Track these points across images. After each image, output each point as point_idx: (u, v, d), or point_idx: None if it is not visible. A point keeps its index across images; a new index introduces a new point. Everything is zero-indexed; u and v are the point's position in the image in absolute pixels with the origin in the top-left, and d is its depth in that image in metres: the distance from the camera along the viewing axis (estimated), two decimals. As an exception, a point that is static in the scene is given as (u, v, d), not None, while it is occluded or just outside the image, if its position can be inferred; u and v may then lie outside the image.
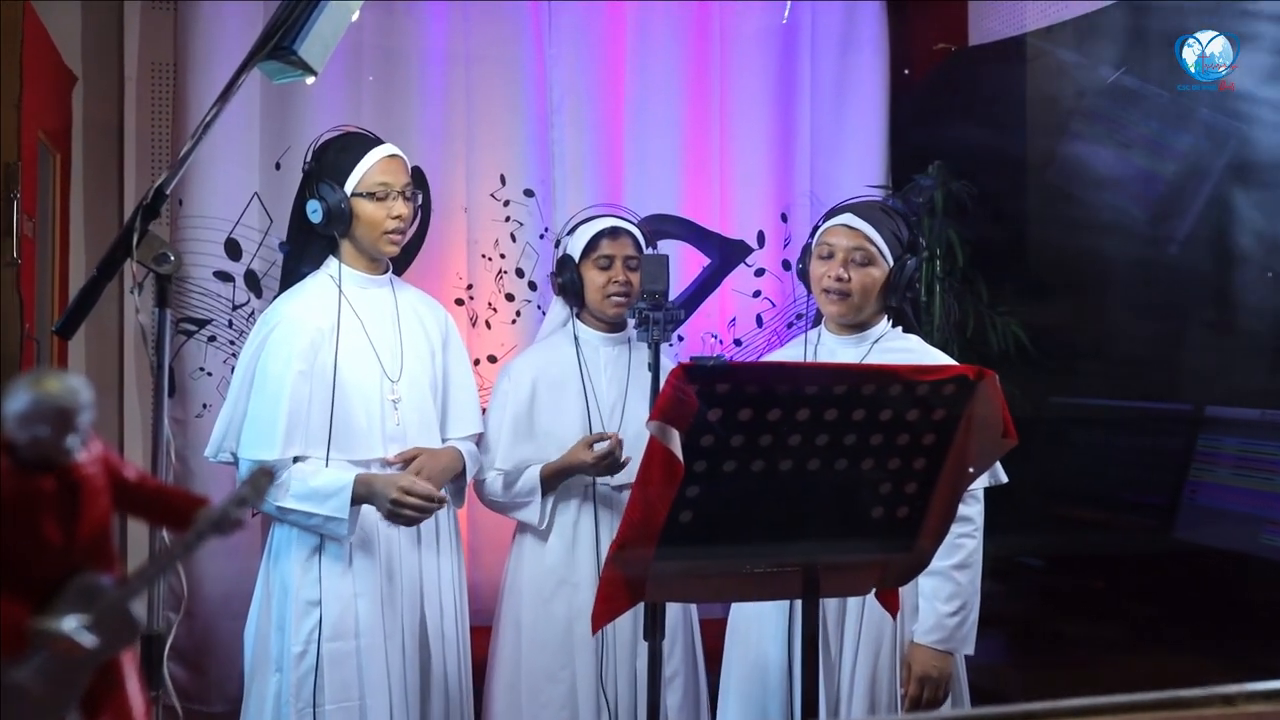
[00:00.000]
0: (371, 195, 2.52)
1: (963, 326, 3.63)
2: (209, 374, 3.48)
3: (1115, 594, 2.93)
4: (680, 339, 3.82)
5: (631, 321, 2.94)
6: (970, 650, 2.47)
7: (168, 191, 1.62)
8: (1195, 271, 2.81)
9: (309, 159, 2.56)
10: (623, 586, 1.93)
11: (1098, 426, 2.67)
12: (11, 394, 1.32)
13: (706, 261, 3.89)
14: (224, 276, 3.51)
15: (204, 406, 3.45)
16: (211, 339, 3.49)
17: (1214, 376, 2.73)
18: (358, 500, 2.47)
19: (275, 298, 2.64)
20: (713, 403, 1.80)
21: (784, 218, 3.95)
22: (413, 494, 2.44)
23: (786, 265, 3.95)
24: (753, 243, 3.91)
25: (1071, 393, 3.16)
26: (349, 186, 2.51)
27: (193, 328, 3.49)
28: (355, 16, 1.78)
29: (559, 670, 2.74)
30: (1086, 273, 3.18)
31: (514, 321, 3.75)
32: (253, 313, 3.50)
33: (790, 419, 1.86)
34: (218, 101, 1.65)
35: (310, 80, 1.72)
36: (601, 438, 2.72)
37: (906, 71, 3.78)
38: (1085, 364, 3.14)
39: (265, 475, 1.35)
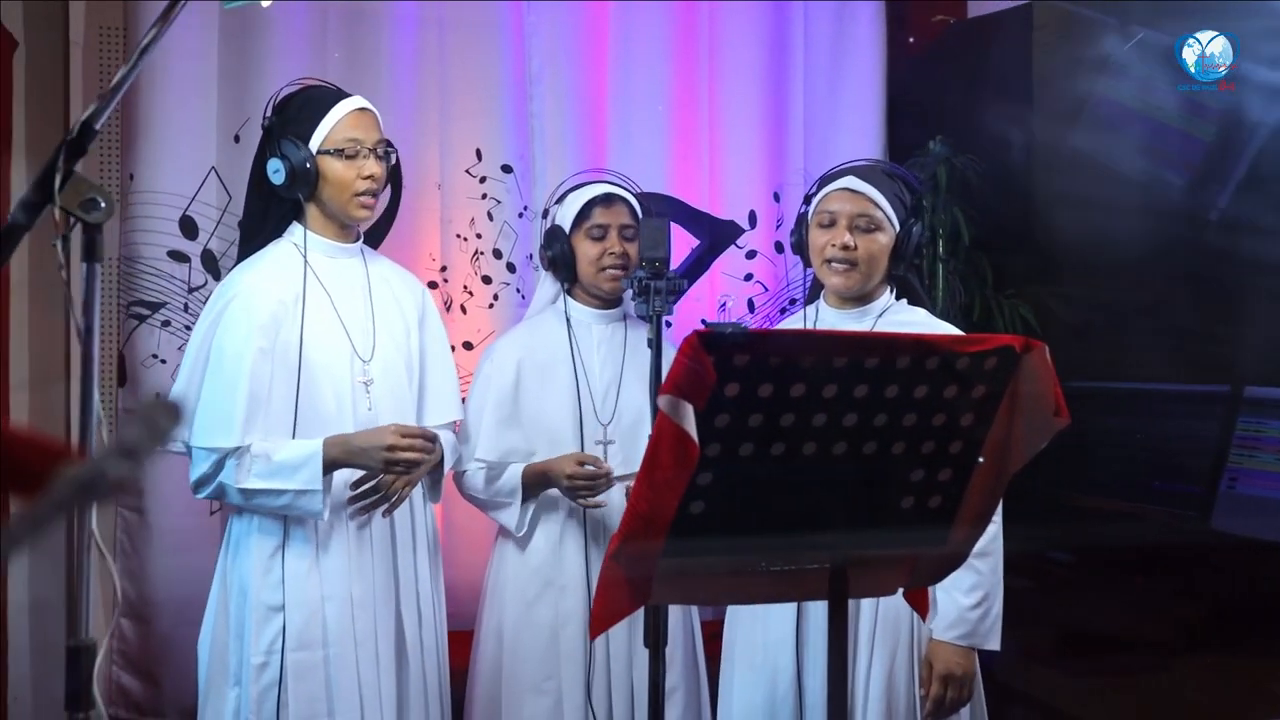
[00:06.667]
0: (340, 153, 2.27)
1: (968, 310, 3.45)
2: (163, 361, 3.23)
3: (1150, 589, 2.74)
4: (669, 325, 3.60)
5: (629, 295, 2.72)
6: (995, 646, 2.27)
7: (97, 126, 1.38)
8: (1231, 242, 2.61)
9: (269, 114, 2.30)
10: (625, 587, 1.70)
11: (1121, 411, 2.48)
12: None
13: (695, 243, 3.67)
14: (179, 256, 3.26)
15: (157, 396, 3.20)
16: (165, 324, 3.24)
17: (1256, 355, 2.53)
18: (332, 465, 2.21)
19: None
20: (730, 376, 1.58)
21: (776, 197, 3.74)
22: (409, 435, 2.21)
23: (779, 247, 3.74)
24: (744, 223, 3.70)
25: (1091, 376, 2.96)
26: (314, 144, 2.26)
27: (145, 312, 3.24)
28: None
29: (543, 681, 2.49)
30: (1106, 248, 2.99)
31: (491, 306, 3.52)
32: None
33: (816, 396, 1.64)
34: (156, 23, 1.41)
35: (266, 3, 1.48)
36: (595, 461, 2.48)
37: (911, 40, 3.57)
38: (1105, 345, 2.95)
39: (166, 412, 0.95)
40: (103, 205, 1.39)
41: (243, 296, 2.23)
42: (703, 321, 3.38)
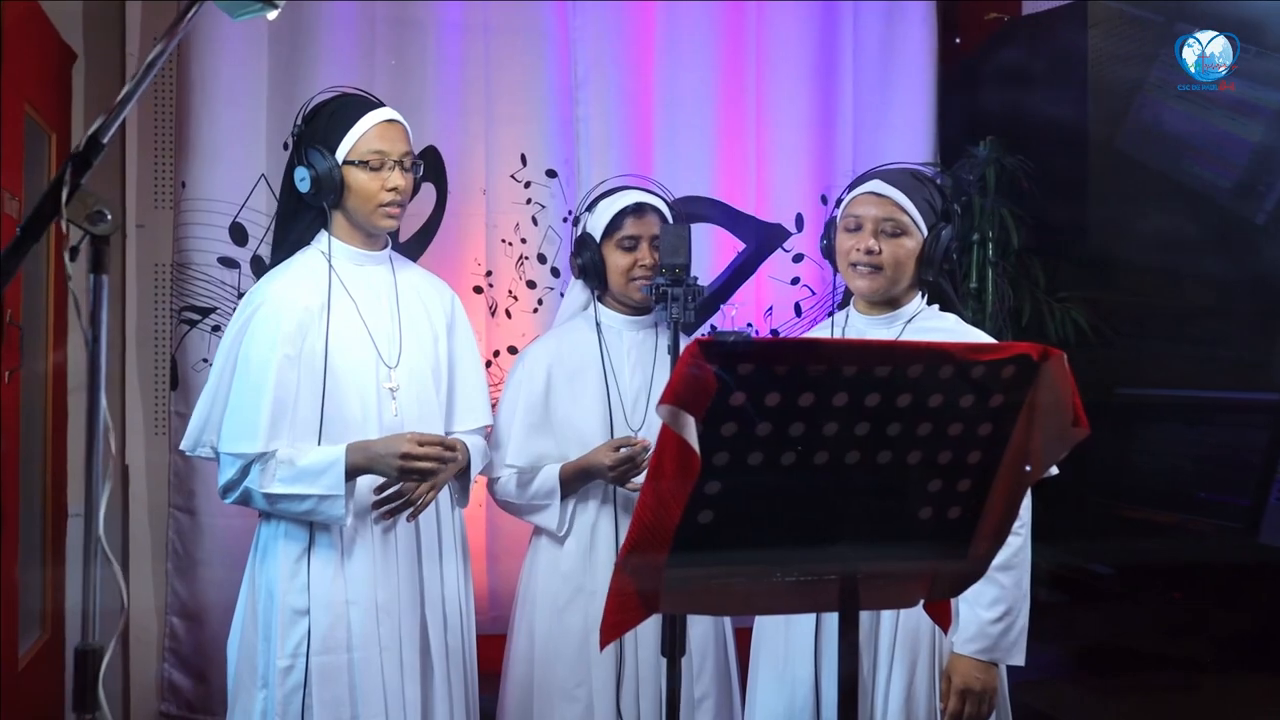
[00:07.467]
0: (365, 164, 2.28)
1: (1018, 314, 3.38)
2: (213, 365, 3.29)
3: (1194, 605, 2.66)
4: (713, 328, 3.58)
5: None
6: (1020, 661, 2.21)
7: (104, 140, 1.41)
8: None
9: (299, 122, 2.33)
10: (634, 597, 1.69)
11: (1170, 419, 2.39)
12: None
13: (741, 246, 3.65)
14: (229, 263, 3.32)
15: None
16: (216, 329, 3.31)
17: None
18: (355, 472, 2.22)
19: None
20: (735, 385, 1.56)
21: (824, 199, 3.70)
22: (425, 444, 2.20)
23: (826, 250, 3.70)
24: (790, 226, 3.67)
25: (1141, 383, 2.89)
26: (340, 153, 2.27)
27: (196, 316, 3.31)
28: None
29: (574, 687, 2.49)
30: (1157, 251, 2.91)
31: (536, 310, 3.53)
32: (259, 301, 3.32)
33: (825, 404, 1.61)
34: (163, 37, 1.43)
35: (272, 15, 1.50)
36: (629, 442, 2.47)
37: (958, 40, 3.51)
38: (1156, 350, 2.87)
39: None
40: (108, 217, 1.41)
41: (269, 304, 2.26)
42: (709, 331, 3.34)
